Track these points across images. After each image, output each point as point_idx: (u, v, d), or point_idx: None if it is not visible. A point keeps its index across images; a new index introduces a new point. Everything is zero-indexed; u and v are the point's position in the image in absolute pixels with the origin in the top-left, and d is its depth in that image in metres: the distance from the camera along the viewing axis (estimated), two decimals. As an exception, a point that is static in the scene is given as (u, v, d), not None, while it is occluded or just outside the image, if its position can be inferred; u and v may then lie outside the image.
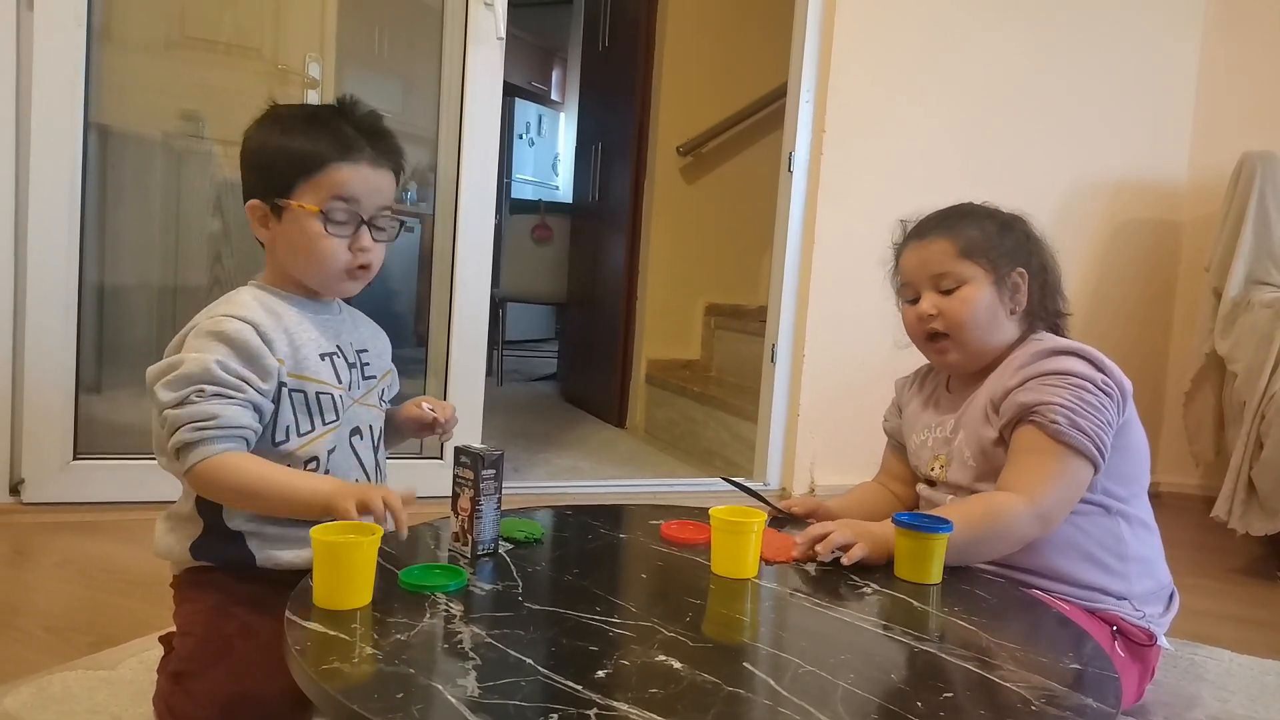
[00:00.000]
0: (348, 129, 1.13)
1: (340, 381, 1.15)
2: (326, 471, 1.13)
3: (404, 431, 1.29)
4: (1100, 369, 1.22)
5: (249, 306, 1.11)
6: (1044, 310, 1.33)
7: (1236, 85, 2.94)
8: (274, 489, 1.04)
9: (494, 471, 1.06)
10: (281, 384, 1.09)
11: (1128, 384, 1.24)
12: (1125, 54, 2.89)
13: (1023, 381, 1.22)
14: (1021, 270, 1.30)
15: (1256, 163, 2.51)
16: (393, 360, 1.31)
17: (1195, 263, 2.90)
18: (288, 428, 1.10)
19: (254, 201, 1.14)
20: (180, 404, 1.02)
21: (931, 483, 1.37)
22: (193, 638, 1.09)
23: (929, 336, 1.32)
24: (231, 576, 1.11)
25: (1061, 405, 1.18)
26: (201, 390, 1.03)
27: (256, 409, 1.06)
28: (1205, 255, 2.68)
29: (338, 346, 1.17)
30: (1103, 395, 1.20)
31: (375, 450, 1.21)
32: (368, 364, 1.22)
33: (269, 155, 1.13)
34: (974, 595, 1.06)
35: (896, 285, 1.37)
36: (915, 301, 1.33)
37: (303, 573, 1.08)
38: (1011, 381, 1.23)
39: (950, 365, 1.35)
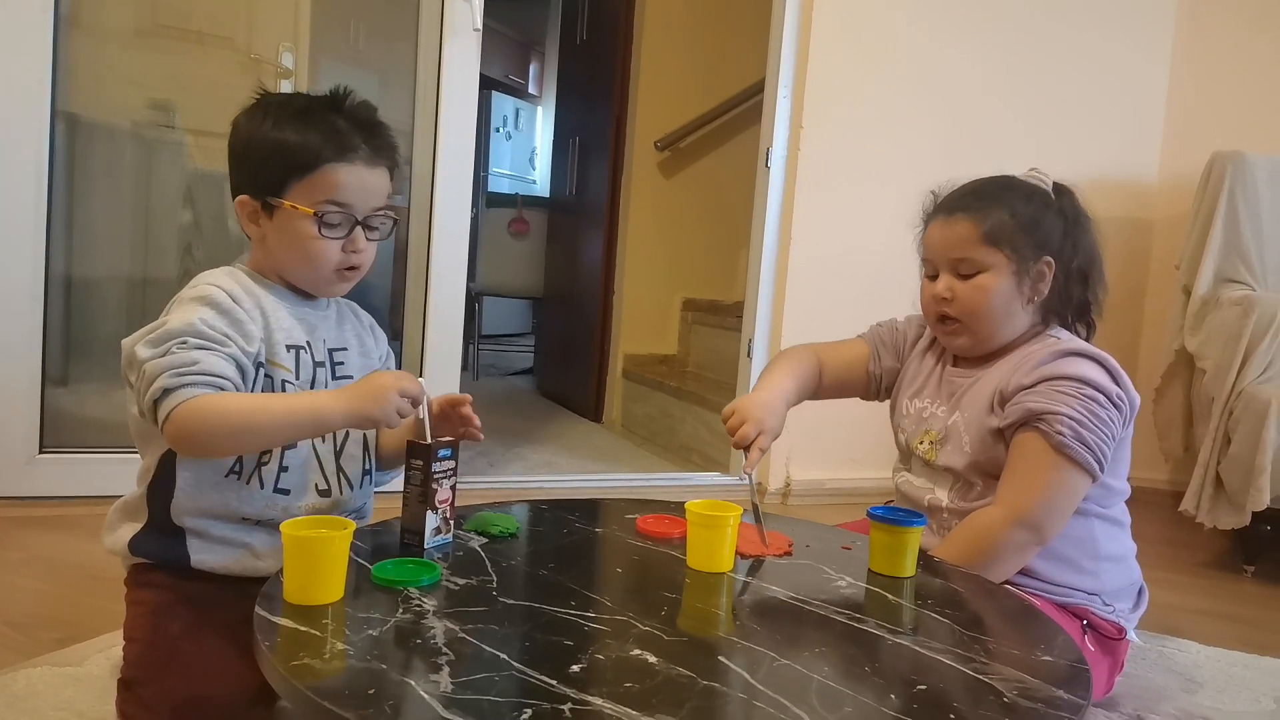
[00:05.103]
0: (342, 124, 1.10)
1: (299, 378, 1.12)
2: (284, 469, 1.09)
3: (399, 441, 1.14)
4: (1116, 380, 1.20)
5: (227, 283, 1.09)
6: (1066, 300, 1.29)
7: (1207, 85, 2.97)
8: (269, 415, 1.01)
9: (451, 462, 1.06)
10: (258, 364, 1.07)
11: (1138, 399, 1.22)
12: (1098, 54, 2.91)
13: (1037, 381, 1.19)
14: (1049, 260, 1.25)
15: (1226, 163, 2.54)
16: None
17: (1166, 261, 2.93)
18: None
19: (243, 197, 1.12)
20: (161, 356, 0.99)
21: (909, 458, 1.35)
22: (137, 643, 1.07)
23: (940, 318, 1.29)
24: (173, 574, 1.08)
25: (1069, 416, 1.16)
26: (184, 342, 1.00)
27: (239, 366, 1.03)
28: (1176, 253, 2.71)
29: (307, 341, 1.14)
30: (1113, 409, 1.18)
31: (337, 455, 1.15)
32: (341, 363, 1.17)
33: (260, 150, 1.10)
34: (947, 588, 1.07)
35: (921, 255, 1.34)
36: (935, 278, 1.29)
37: (237, 579, 1.07)
38: (1026, 380, 1.20)
39: (958, 348, 1.33)
